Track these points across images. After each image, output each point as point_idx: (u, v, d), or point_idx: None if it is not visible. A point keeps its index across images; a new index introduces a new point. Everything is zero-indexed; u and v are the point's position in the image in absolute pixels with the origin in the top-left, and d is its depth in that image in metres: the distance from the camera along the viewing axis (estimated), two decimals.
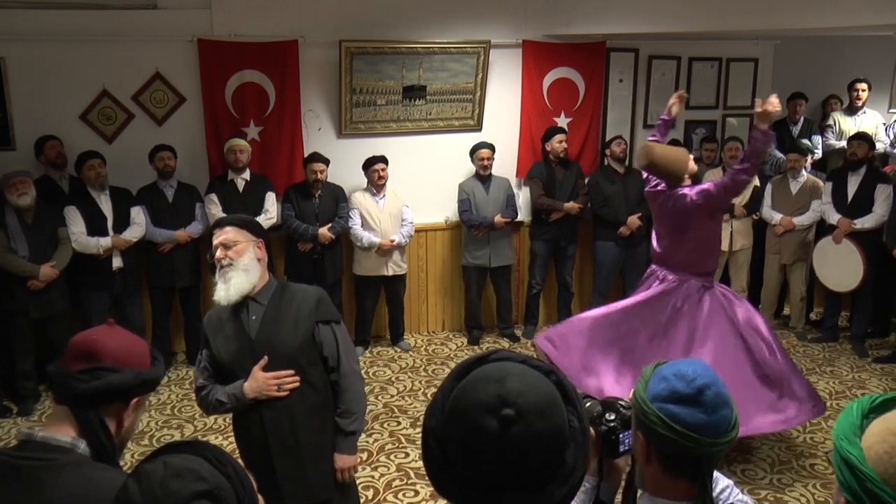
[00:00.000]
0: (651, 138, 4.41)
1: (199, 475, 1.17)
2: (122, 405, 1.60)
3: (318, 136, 5.95)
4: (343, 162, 5.88)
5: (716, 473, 1.63)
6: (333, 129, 6.01)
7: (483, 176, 6.04)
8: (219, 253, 2.55)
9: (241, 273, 2.54)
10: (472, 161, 6.05)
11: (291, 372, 2.55)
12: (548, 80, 6.35)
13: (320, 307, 2.62)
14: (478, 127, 6.31)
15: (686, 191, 4.12)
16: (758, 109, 3.87)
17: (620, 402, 1.64)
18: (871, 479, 1.12)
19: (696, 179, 4.88)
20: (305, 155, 5.73)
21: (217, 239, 2.58)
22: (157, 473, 1.16)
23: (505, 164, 6.22)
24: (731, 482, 1.66)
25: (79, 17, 5.33)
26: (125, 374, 1.57)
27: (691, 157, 4.27)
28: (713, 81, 6.92)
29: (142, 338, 1.72)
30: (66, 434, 1.54)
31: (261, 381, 2.53)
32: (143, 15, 5.47)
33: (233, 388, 2.56)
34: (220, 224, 2.64)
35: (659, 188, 4.23)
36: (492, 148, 6.02)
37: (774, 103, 3.81)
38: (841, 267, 5.67)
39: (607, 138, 6.61)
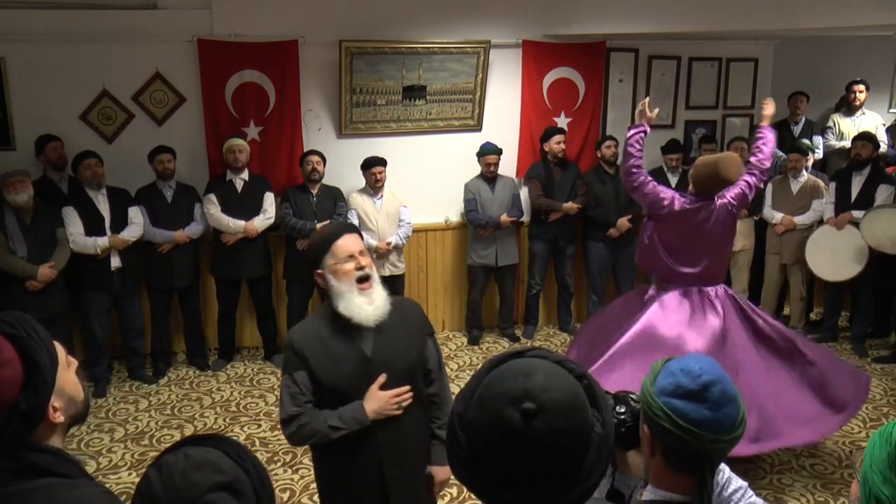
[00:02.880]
0: (636, 155, 3.99)
1: (219, 468, 1.20)
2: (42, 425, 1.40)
3: (318, 136, 5.95)
4: (343, 162, 5.88)
5: (729, 473, 1.66)
6: (333, 129, 6.01)
7: (489, 176, 6.04)
8: (364, 260, 2.35)
9: (379, 287, 2.38)
10: (479, 163, 6.06)
11: (408, 388, 2.39)
12: (548, 80, 6.35)
13: (426, 320, 2.55)
14: (478, 127, 6.31)
15: (728, 197, 3.93)
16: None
17: (631, 395, 1.68)
18: None
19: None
20: None
21: (355, 246, 2.36)
22: (177, 465, 1.19)
23: (505, 165, 6.20)
24: (744, 484, 1.66)
25: (79, 17, 5.33)
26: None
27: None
28: (713, 81, 6.91)
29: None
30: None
31: (383, 400, 2.34)
32: (143, 15, 5.47)
33: (351, 411, 2.33)
34: (348, 230, 2.41)
35: (697, 205, 3.90)
36: (498, 153, 6.01)
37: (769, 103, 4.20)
38: (837, 256, 5.65)
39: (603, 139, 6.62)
